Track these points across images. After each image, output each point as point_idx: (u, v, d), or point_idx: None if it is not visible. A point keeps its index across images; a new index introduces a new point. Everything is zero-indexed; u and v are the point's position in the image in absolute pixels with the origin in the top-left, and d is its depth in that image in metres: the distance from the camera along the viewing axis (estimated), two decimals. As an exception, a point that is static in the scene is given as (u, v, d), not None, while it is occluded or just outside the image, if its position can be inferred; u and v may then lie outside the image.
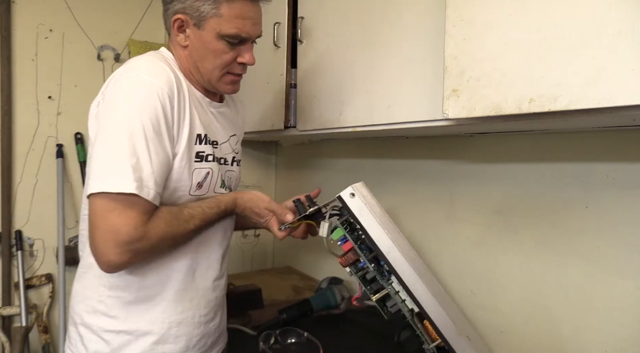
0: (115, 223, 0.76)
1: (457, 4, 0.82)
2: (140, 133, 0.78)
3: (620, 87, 0.59)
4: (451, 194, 1.30)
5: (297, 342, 1.21)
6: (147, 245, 0.79)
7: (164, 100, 0.82)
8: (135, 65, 0.84)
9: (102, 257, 0.77)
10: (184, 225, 0.85)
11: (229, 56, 0.90)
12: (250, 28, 0.89)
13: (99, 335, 0.88)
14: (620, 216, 0.92)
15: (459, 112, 0.82)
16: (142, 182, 0.77)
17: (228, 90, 0.96)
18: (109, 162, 0.77)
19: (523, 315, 1.09)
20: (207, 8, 0.85)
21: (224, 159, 1.01)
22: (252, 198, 0.99)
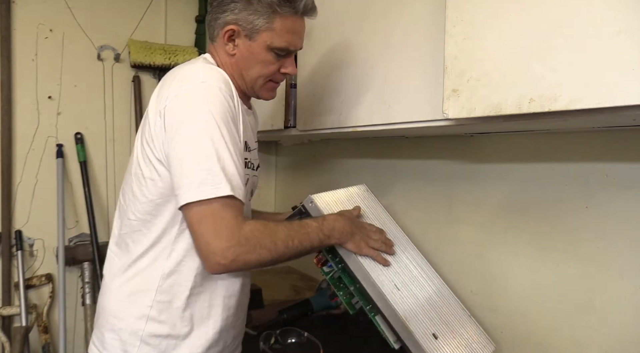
0: (214, 229, 0.78)
1: (457, 4, 0.82)
2: (220, 137, 0.80)
3: (620, 87, 0.59)
4: (451, 194, 1.30)
5: (297, 342, 1.21)
6: (249, 247, 0.80)
7: (230, 103, 0.84)
8: (195, 74, 0.85)
9: (210, 261, 0.79)
10: (284, 233, 0.85)
11: (275, 67, 0.94)
12: (297, 42, 0.94)
13: (146, 341, 0.88)
14: (620, 216, 0.92)
15: (459, 112, 0.82)
16: (233, 183, 0.79)
17: (268, 96, 1.00)
18: (198, 170, 0.79)
19: (523, 315, 1.09)
20: (261, 22, 0.89)
21: (253, 164, 1.02)
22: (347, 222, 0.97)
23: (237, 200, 0.80)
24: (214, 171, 0.78)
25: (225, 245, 0.78)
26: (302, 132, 1.41)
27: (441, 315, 0.98)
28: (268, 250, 0.82)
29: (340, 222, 0.93)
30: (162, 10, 2.09)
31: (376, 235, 1.00)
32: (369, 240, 0.97)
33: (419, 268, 1.04)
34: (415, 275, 1.02)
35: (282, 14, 0.88)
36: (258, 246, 0.81)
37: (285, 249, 0.84)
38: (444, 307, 1.00)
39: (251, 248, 0.80)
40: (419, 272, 1.04)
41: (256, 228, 0.82)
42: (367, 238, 0.97)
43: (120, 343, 0.89)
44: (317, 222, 0.91)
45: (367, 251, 0.96)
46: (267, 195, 2.19)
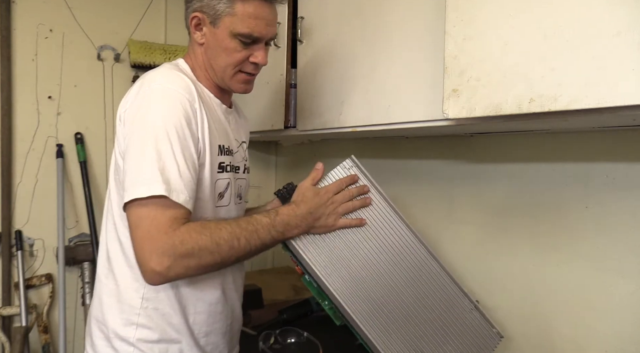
0: (148, 230, 0.75)
1: (457, 4, 0.82)
2: (165, 138, 0.78)
3: (620, 87, 0.59)
4: (451, 194, 1.30)
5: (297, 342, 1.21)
6: (184, 251, 0.75)
7: (186, 107, 0.83)
8: (154, 78, 0.85)
9: (144, 266, 0.75)
10: (228, 232, 0.80)
11: (241, 55, 0.90)
12: (263, 28, 0.89)
13: (137, 347, 0.88)
14: (620, 216, 0.92)
15: (459, 112, 0.82)
16: (170, 185, 0.76)
17: (240, 89, 0.96)
18: (138, 170, 0.78)
19: (523, 315, 1.09)
20: (222, 7, 0.86)
21: (237, 167, 1.00)
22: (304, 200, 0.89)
23: (177, 204, 0.76)
24: (150, 171, 0.76)
25: (159, 249, 0.74)
26: (302, 132, 1.41)
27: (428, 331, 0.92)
28: (210, 252, 0.77)
29: (296, 213, 0.86)
30: (162, 10, 2.08)
31: (339, 197, 0.90)
32: (337, 209, 0.89)
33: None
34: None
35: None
36: (197, 248, 0.76)
37: (230, 250, 0.79)
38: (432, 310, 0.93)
39: (189, 251, 0.75)
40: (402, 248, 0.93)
41: (193, 228, 0.76)
42: (333, 209, 0.89)
43: (113, 350, 0.89)
44: (269, 218, 0.85)
45: (341, 223, 0.89)
46: (267, 195, 2.19)
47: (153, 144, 0.78)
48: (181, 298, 0.89)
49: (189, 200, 0.79)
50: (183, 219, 0.77)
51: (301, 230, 0.87)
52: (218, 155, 0.90)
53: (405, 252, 0.92)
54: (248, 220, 0.83)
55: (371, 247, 0.92)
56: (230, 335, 1.02)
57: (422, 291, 0.92)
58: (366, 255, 0.92)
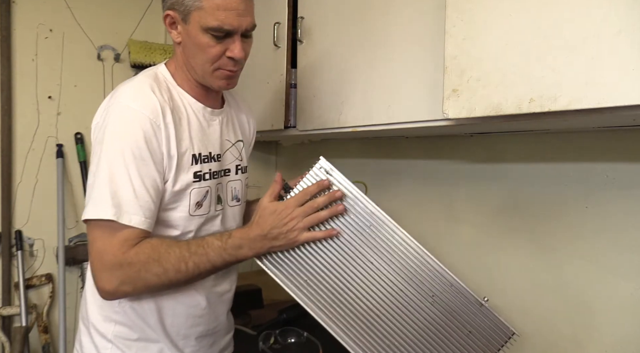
0: (99, 250, 0.79)
1: (457, 4, 0.82)
2: (120, 160, 0.79)
3: (620, 87, 0.59)
4: (451, 194, 1.30)
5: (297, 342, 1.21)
6: (131, 272, 0.78)
7: (146, 127, 0.81)
8: (122, 93, 0.85)
9: (96, 284, 0.81)
10: (177, 256, 0.81)
11: (216, 50, 0.86)
12: (234, 19, 0.83)
13: (114, 343, 0.90)
14: (620, 216, 0.92)
15: (459, 112, 0.82)
16: (122, 208, 0.78)
17: (222, 85, 0.92)
18: (92, 190, 0.81)
19: (523, 315, 1.09)
20: (189, 1, 0.83)
21: (226, 169, 0.99)
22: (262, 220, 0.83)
23: (123, 225, 0.78)
24: (102, 194, 0.79)
25: (107, 270, 0.78)
26: (302, 132, 1.41)
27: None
28: (156, 274, 0.79)
29: (248, 236, 0.82)
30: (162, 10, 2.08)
31: (300, 211, 0.82)
32: (297, 224, 0.82)
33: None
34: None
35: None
36: (143, 270, 0.79)
37: (176, 273, 0.80)
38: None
39: (134, 274, 0.79)
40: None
41: (142, 251, 0.79)
42: (293, 225, 0.82)
43: (94, 346, 0.91)
44: (221, 241, 0.83)
45: (304, 237, 0.83)
46: (267, 195, 2.19)
47: (107, 165, 0.79)
48: (158, 299, 0.90)
49: (144, 220, 0.81)
50: (135, 239, 0.80)
51: (256, 251, 0.83)
52: (192, 164, 0.89)
53: (396, 255, 0.87)
54: (200, 242, 0.83)
55: (351, 257, 0.86)
56: (214, 340, 1.01)
57: (414, 294, 0.87)
58: (347, 266, 0.86)
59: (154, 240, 0.82)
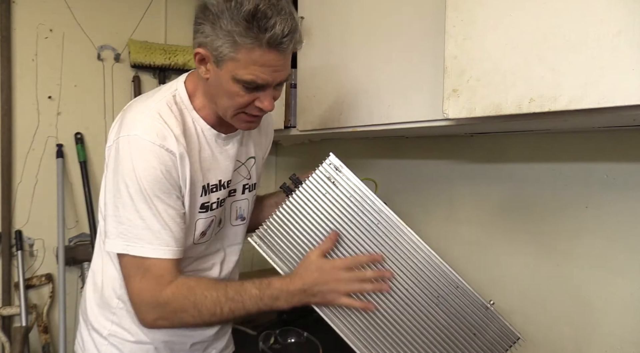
0: (138, 287, 0.82)
1: (457, 4, 0.82)
2: (143, 194, 0.79)
3: (620, 87, 0.59)
4: (451, 194, 1.30)
5: (297, 342, 1.21)
6: (167, 311, 0.82)
7: (164, 159, 0.81)
8: (134, 121, 0.83)
9: (137, 315, 0.85)
10: (213, 300, 0.82)
11: (245, 100, 0.82)
12: (269, 75, 0.80)
13: (109, 341, 0.92)
14: (620, 216, 0.92)
15: (459, 112, 0.82)
16: (154, 243, 0.80)
17: (243, 127, 0.90)
18: (118, 225, 0.81)
19: (523, 314, 1.09)
20: (225, 50, 0.77)
21: (231, 190, 0.98)
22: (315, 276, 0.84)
23: (163, 260, 0.80)
24: (135, 230, 0.80)
25: (146, 306, 0.82)
26: (302, 132, 1.41)
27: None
28: (191, 316, 0.82)
29: (288, 289, 0.83)
30: (162, 10, 2.08)
31: (347, 276, 0.83)
32: (338, 287, 0.83)
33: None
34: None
35: (245, 45, 0.75)
36: (180, 310, 0.81)
37: (211, 317, 0.82)
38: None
39: (171, 313, 0.82)
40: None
41: (179, 292, 0.81)
42: (334, 287, 0.83)
43: (92, 341, 0.94)
44: (260, 290, 0.83)
45: (343, 302, 0.84)
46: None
47: (134, 201, 0.79)
48: None
49: (176, 250, 0.82)
50: (169, 274, 0.81)
51: (292, 305, 0.85)
52: (200, 196, 0.89)
53: (403, 254, 0.87)
54: (238, 289, 0.83)
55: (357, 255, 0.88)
56: (209, 343, 1.01)
57: (422, 296, 0.87)
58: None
59: (191, 280, 0.83)
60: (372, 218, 0.87)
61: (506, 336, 0.86)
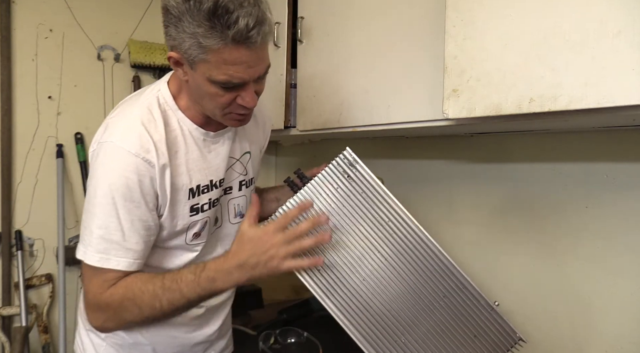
0: (85, 289, 0.83)
1: (457, 4, 0.82)
2: (110, 203, 0.78)
3: (620, 87, 0.59)
4: (451, 194, 1.30)
5: (297, 342, 1.21)
6: (109, 313, 0.81)
7: (139, 167, 0.78)
8: (114, 129, 0.81)
9: (88, 321, 0.85)
10: (150, 294, 0.79)
11: (226, 99, 0.79)
12: (244, 72, 0.76)
13: (108, 343, 0.92)
14: (620, 216, 0.92)
15: (459, 112, 0.82)
16: (109, 252, 0.79)
17: (235, 125, 0.88)
18: (84, 231, 0.82)
19: (523, 315, 1.09)
20: (193, 52, 0.73)
21: (227, 188, 0.96)
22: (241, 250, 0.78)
23: (107, 269, 0.80)
24: (92, 237, 0.80)
25: (91, 309, 0.82)
26: (302, 132, 1.41)
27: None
28: (132, 314, 0.80)
29: (223, 268, 0.78)
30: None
31: (281, 238, 0.76)
32: (278, 252, 0.76)
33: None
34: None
35: (211, 46, 0.71)
36: (120, 310, 0.80)
37: (152, 311, 0.79)
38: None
39: (113, 315, 0.80)
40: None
41: (116, 292, 0.79)
42: (273, 253, 0.76)
43: (90, 342, 0.94)
44: (195, 274, 0.78)
45: (287, 266, 0.77)
46: (267, 195, 2.19)
47: (98, 208, 0.79)
48: None
49: (132, 262, 0.81)
50: (114, 279, 0.81)
51: (232, 283, 0.79)
52: (189, 198, 0.87)
53: (412, 252, 0.86)
54: (174, 277, 0.79)
55: (367, 252, 0.86)
56: (209, 344, 1.02)
57: (429, 293, 0.86)
58: (362, 260, 0.85)
59: (129, 278, 0.81)
60: (383, 216, 0.87)
61: (508, 337, 0.86)
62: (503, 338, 0.86)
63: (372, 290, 0.86)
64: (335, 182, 0.87)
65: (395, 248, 0.86)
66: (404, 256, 0.86)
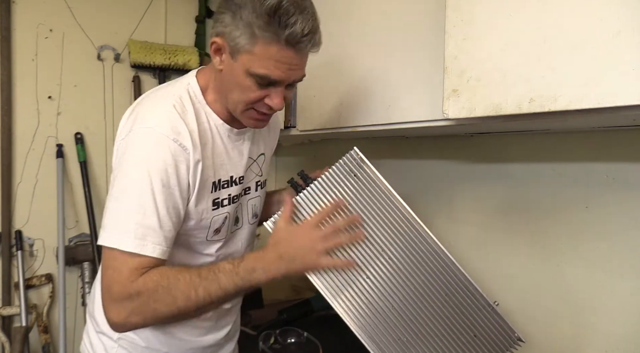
0: (108, 280, 0.77)
1: (457, 4, 0.82)
2: (147, 188, 0.76)
3: (620, 87, 0.59)
4: (451, 194, 1.30)
5: (297, 342, 1.21)
6: (139, 302, 0.75)
7: (175, 151, 0.79)
8: (147, 113, 0.82)
9: (105, 316, 0.78)
10: (186, 282, 0.77)
11: (256, 95, 0.81)
12: (284, 72, 0.78)
13: (121, 345, 0.91)
14: (620, 216, 0.91)
15: (459, 112, 0.82)
16: (146, 239, 0.76)
17: (251, 125, 0.88)
18: (116, 217, 0.78)
19: (523, 315, 1.09)
20: (242, 41, 0.76)
21: (246, 188, 0.96)
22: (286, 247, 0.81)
23: (143, 256, 0.76)
24: (127, 223, 0.76)
25: (115, 301, 0.76)
26: (302, 132, 1.41)
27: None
28: (165, 304, 0.76)
29: (263, 259, 0.80)
30: (162, 10, 2.09)
31: (320, 232, 0.80)
32: (316, 246, 0.80)
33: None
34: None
35: (263, 38, 0.74)
36: (152, 300, 0.75)
37: (186, 301, 0.76)
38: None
39: (143, 305, 0.75)
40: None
41: (150, 279, 0.75)
42: (311, 247, 0.80)
43: (101, 343, 0.93)
44: (233, 264, 0.79)
45: (324, 263, 0.81)
46: (267, 195, 2.19)
47: (134, 193, 0.77)
48: None
49: (165, 250, 0.78)
50: (145, 268, 0.77)
51: (272, 275, 0.80)
52: (212, 192, 0.87)
53: (417, 251, 0.86)
54: (211, 267, 0.79)
55: (373, 252, 0.86)
56: (219, 348, 1.02)
57: (431, 292, 0.87)
58: (368, 259, 0.86)
59: (163, 267, 0.79)
60: (389, 215, 0.87)
61: (508, 336, 0.86)
62: (502, 337, 0.86)
63: (375, 288, 0.86)
64: (343, 181, 0.88)
65: (400, 247, 0.87)
66: (408, 255, 0.87)
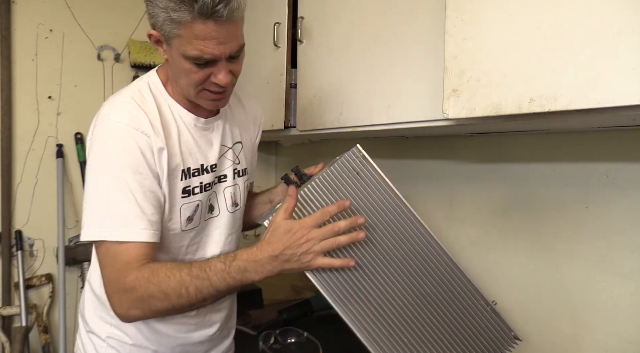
0: (107, 273, 0.79)
1: (457, 4, 0.82)
2: (119, 178, 0.78)
3: (620, 87, 0.59)
4: (451, 194, 1.30)
5: (297, 342, 1.21)
6: (135, 296, 0.76)
7: (140, 140, 0.80)
8: (109, 109, 0.83)
9: (112, 308, 0.80)
10: (177, 280, 0.77)
11: (199, 76, 0.81)
12: (214, 48, 0.77)
13: (108, 343, 0.92)
14: (620, 216, 0.91)
15: (459, 112, 0.82)
16: (130, 225, 0.77)
17: (209, 105, 0.88)
18: (96, 211, 0.79)
19: (523, 315, 1.09)
20: (167, 27, 0.76)
21: (221, 176, 0.96)
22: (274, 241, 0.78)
23: (133, 243, 0.77)
24: (110, 214, 0.78)
25: (116, 293, 0.78)
26: (302, 132, 1.41)
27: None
28: (158, 299, 0.76)
29: (256, 258, 0.77)
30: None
31: (319, 233, 0.77)
32: (313, 247, 0.76)
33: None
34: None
35: (181, 20, 0.74)
36: (146, 295, 0.76)
37: (178, 298, 0.76)
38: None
39: (139, 301, 0.76)
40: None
41: (141, 275, 0.76)
42: (308, 248, 0.76)
43: (91, 342, 0.94)
44: (224, 263, 0.77)
45: (319, 263, 0.78)
46: (267, 195, 2.19)
47: (106, 184, 0.78)
48: None
49: (153, 232, 0.80)
50: (138, 261, 0.77)
51: (265, 275, 0.78)
52: (181, 180, 0.87)
53: (418, 250, 0.86)
54: (202, 265, 0.78)
55: (374, 250, 0.85)
56: (212, 345, 1.02)
57: (432, 291, 0.86)
58: (369, 258, 0.85)
59: (154, 264, 0.79)
60: (390, 214, 0.87)
61: (506, 335, 0.86)
62: (501, 336, 0.86)
63: (375, 287, 0.86)
64: (344, 178, 0.87)
65: (400, 246, 0.87)
66: (408, 254, 0.87)
